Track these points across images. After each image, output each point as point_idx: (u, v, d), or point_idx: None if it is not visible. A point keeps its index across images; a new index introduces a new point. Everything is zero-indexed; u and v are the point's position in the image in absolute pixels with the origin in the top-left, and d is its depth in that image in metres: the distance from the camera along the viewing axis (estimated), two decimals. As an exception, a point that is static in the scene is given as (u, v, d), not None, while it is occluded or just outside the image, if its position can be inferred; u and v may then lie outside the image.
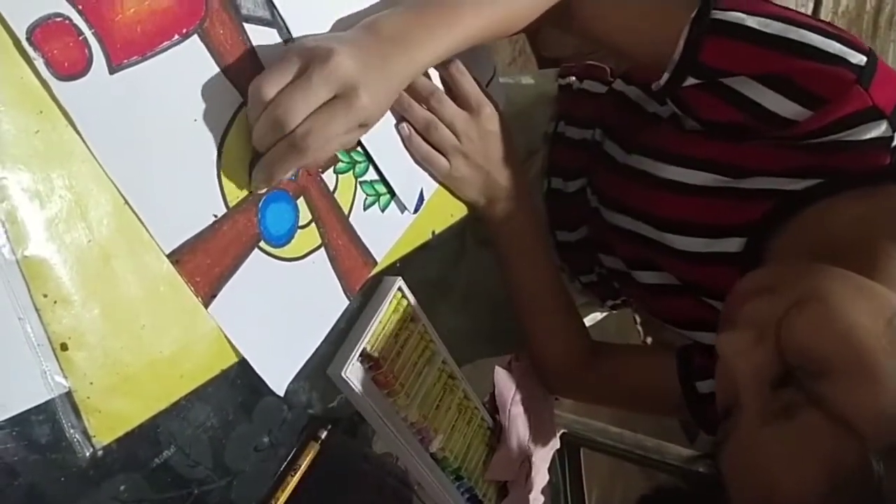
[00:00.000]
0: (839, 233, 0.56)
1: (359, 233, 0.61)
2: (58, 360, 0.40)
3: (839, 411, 0.42)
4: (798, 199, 0.59)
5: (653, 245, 0.70)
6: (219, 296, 0.48)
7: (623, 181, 0.73)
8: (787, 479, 0.43)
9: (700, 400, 0.69)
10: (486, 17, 0.60)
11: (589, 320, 1.04)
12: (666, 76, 0.63)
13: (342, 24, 0.58)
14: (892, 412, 0.42)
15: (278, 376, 0.54)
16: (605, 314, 1.05)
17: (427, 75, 0.66)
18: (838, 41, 0.56)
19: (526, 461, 0.80)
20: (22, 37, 0.38)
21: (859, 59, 0.55)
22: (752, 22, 0.58)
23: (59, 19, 0.40)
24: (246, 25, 0.50)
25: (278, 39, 0.53)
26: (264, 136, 0.49)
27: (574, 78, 0.87)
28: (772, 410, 0.45)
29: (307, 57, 0.49)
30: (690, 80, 0.62)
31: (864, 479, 0.41)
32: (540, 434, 0.82)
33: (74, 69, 0.40)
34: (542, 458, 0.84)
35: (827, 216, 0.58)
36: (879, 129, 0.55)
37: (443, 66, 0.65)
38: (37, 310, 0.39)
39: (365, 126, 0.53)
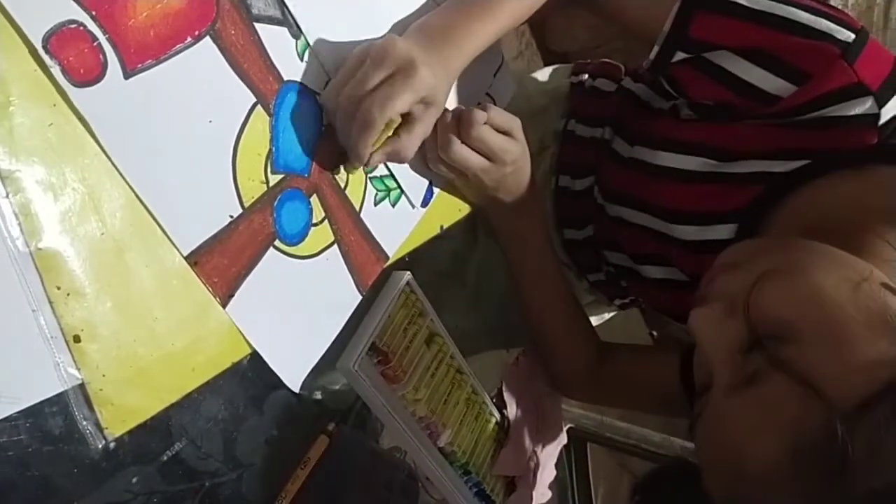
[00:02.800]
0: (827, 215, 0.56)
1: (370, 228, 0.61)
2: (71, 352, 0.40)
3: (804, 374, 0.42)
4: (786, 182, 0.59)
5: (657, 236, 0.70)
6: (236, 295, 0.49)
7: (627, 173, 0.73)
8: (753, 447, 0.43)
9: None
10: (519, 2, 0.62)
11: (596, 319, 1.04)
12: (656, 49, 0.64)
13: (353, 21, 0.58)
14: (856, 374, 0.41)
15: (294, 373, 0.54)
16: (612, 313, 1.05)
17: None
18: (827, 18, 0.56)
19: (533, 456, 0.80)
20: (38, 45, 0.38)
21: (847, 35, 0.55)
22: None
23: (73, 26, 0.40)
24: (257, 25, 0.50)
25: (289, 38, 0.53)
26: (342, 127, 0.54)
27: (587, 76, 0.87)
28: (739, 380, 0.45)
29: (364, 49, 0.54)
30: (679, 55, 0.63)
31: (828, 444, 0.40)
32: (547, 429, 0.82)
33: (90, 75, 0.40)
34: (550, 454, 0.84)
35: (815, 199, 0.57)
36: (864, 106, 0.55)
37: (466, 132, 0.62)
38: (50, 302, 0.39)
39: (432, 106, 0.56)
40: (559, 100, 0.88)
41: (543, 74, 0.93)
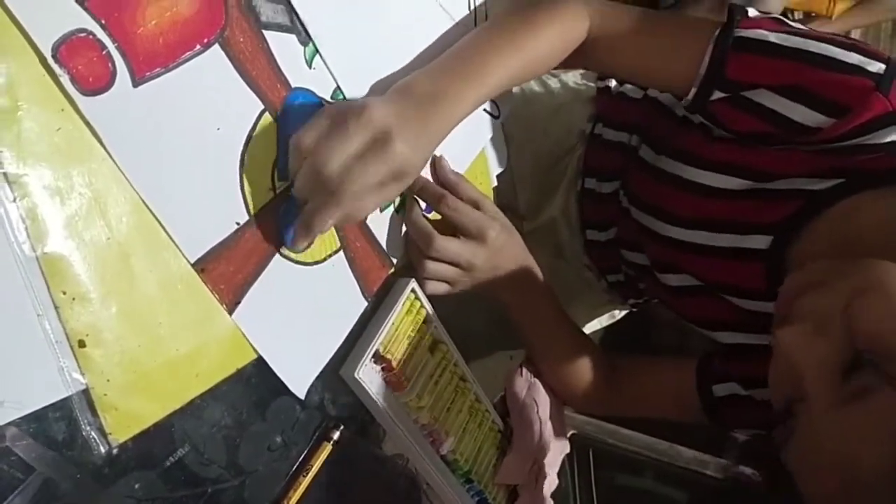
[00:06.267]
0: (863, 230, 0.58)
1: (375, 234, 0.61)
2: (75, 357, 0.40)
3: None
4: (822, 199, 0.61)
5: (680, 245, 0.70)
6: (242, 302, 0.49)
7: (655, 183, 0.74)
8: (868, 455, 0.44)
9: (716, 404, 0.71)
10: (513, 66, 0.62)
11: (608, 318, 1.04)
12: (693, 91, 0.65)
13: (362, 28, 0.58)
14: None
15: (300, 380, 0.54)
16: (625, 312, 1.05)
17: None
18: (856, 52, 0.58)
19: (536, 465, 0.80)
20: (48, 54, 0.38)
21: (878, 66, 0.57)
22: (773, 38, 0.61)
23: (83, 35, 0.39)
24: (265, 32, 0.50)
25: (298, 45, 0.53)
26: (304, 185, 0.50)
27: (614, 82, 0.88)
28: (844, 395, 0.46)
29: (342, 110, 0.51)
30: (717, 94, 0.64)
31: None
32: (551, 437, 0.82)
33: (99, 84, 0.40)
34: (553, 462, 0.83)
35: (851, 214, 0.59)
36: None
37: (438, 202, 0.63)
38: (55, 307, 0.39)
39: (403, 179, 0.53)
40: (583, 100, 0.89)
41: (569, 77, 0.94)
